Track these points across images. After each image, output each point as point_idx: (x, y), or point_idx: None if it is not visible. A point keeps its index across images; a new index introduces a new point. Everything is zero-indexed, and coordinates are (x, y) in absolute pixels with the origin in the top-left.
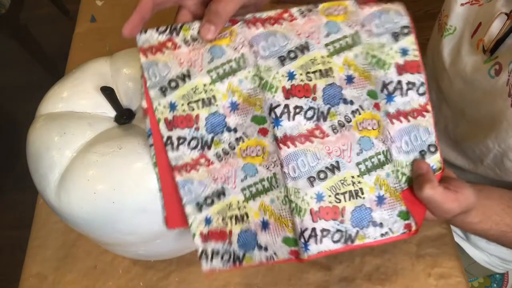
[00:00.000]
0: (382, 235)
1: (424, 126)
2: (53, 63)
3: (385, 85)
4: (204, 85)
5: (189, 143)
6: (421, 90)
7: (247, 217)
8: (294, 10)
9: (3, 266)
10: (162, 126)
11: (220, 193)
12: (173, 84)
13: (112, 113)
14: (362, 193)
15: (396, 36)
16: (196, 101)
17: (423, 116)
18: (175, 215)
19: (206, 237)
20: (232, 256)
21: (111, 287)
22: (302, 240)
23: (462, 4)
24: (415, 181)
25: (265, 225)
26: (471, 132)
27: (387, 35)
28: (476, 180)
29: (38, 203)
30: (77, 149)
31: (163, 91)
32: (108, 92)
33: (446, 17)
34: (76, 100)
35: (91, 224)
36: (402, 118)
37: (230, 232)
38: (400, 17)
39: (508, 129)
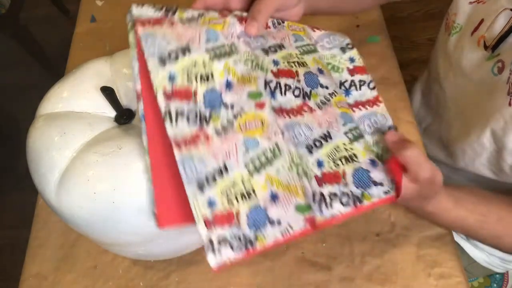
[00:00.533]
0: (385, 193)
1: (380, 113)
2: (53, 63)
3: (342, 83)
4: (203, 61)
5: (188, 118)
6: (371, 85)
7: (254, 193)
8: (268, 21)
9: (3, 266)
10: (160, 97)
11: (222, 170)
12: (173, 55)
13: (112, 113)
14: (356, 157)
15: (343, 50)
16: (195, 76)
17: (378, 105)
18: (168, 211)
19: (210, 223)
20: (242, 240)
21: (111, 287)
22: (316, 202)
23: (470, 3)
24: (395, 146)
25: (274, 197)
26: (468, 131)
27: (336, 49)
28: (469, 179)
29: (38, 203)
30: (77, 149)
31: (163, 61)
32: (108, 92)
33: (454, 15)
34: (76, 100)
35: (91, 224)
36: (361, 107)
37: (237, 213)
38: (344, 38)
39: (504, 128)
